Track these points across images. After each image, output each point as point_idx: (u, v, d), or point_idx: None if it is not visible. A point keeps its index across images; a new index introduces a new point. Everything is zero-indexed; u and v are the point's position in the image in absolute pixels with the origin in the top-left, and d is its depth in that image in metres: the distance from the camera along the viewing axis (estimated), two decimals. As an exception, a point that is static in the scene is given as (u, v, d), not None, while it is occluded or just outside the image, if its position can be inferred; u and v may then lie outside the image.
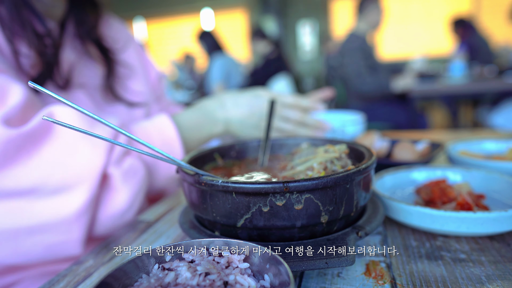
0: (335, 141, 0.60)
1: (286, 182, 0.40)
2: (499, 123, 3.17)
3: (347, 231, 0.45)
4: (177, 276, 0.32)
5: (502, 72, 3.47)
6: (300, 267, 0.39)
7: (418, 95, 3.27)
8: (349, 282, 0.43)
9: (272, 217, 0.42)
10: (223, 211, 0.44)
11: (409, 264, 0.46)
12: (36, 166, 0.57)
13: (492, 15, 6.10)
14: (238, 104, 0.84)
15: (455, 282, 0.41)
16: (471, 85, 3.36)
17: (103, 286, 0.31)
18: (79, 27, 0.82)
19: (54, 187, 0.58)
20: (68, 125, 0.33)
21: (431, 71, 4.31)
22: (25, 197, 0.56)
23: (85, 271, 0.50)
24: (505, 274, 0.42)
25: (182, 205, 0.74)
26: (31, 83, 0.33)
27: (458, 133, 1.27)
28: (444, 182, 0.63)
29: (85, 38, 0.84)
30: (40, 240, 0.59)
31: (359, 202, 0.46)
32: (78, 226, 0.60)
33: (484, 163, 0.71)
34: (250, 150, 0.67)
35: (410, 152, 0.83)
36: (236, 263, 0.35)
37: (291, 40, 7.39)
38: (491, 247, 0.49)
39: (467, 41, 4.19)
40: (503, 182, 0.62)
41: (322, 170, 0.51)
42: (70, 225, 0.59)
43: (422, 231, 0.55)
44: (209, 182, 0.43)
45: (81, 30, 0.83)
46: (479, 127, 3.82)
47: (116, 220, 0.65)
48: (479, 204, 0.57)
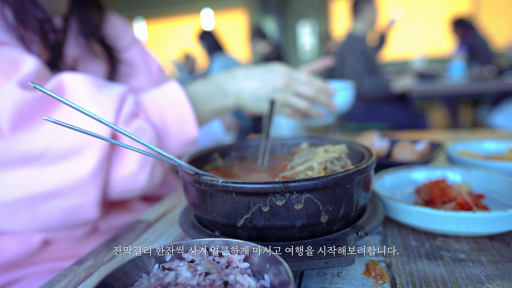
0: (335, 141, 0.60)
1: (286, 182, 0.40)
2: (499, 123, 3.17)
3: (347, 231, 0.45)
4: (177, 276, 0.33)
5: (502, 72, 3.48)
6: (300, 267, 0.39)
7: (418, 95, 3.28)
8: (349, 282, 0.43)
9: (272, 217, 0.42)
10: (223, 211, 0.44)
11: (409, 264, 0.46)
12: (47, 130, 0.58)
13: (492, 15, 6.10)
14: (249, 77, 0.83)
15: (454, 282, 0.41)
16: (471, 85, 3.36)
17: (103, 286, 0.31)
18: (83, 25, 0.83)
19: (66, 150, 0.58)
20: (68, 125, 0.33)
21: (431, 71, 4.31)
22: (38, 162, 0.57)
23: (85, 270, 0.50)
24: (505, 274, 0.42)
25: (182, 205, 0.74)
26: (31, 83, 0.33)
27: (458, 133, 1.27)
28: (443, 182, 0.63)
29: (89, 36, 0.84)
30: (56, 205, 0.59)
31: (359, 202, 0.46)
32: (93, 188, 0.60)
33: (484, 163, 0.71)
34: (250, 150, 0.67)
35: (410, 152, 0.83)
36: (236, 263, 0.35)
37: (291, 40, 7.39)
38: (491, 247, 0.49)
39: (467, 41, 4.19)
40: (502, 182, 0.62)
41: (322, 170, 0.51)
42: (85, 187, 0.59)
43: (422, 231, 0.55)
44: (209, 182, 0.43)
45: (85, 28, 0.83)
46: (479, 127, 3.83)
47: (128, 182, 0.65)
48: (479, 204, 0.57)
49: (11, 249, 0.66)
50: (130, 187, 0.66)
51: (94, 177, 0.60)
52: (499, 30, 5.75)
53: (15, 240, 0.67)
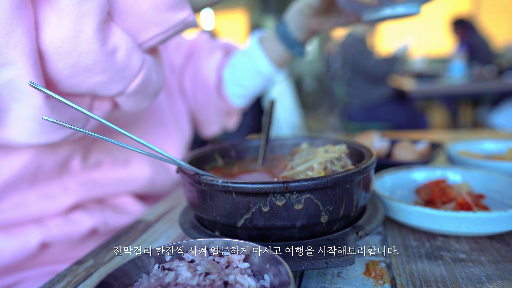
0: (335, 141, 0.60)
1: (286, 182, 0.40)
2: (499, 123, 3.17)
3: (347, 231, 0.45)
4: (177, 276, 0.33)
5: (502, 72, 3.48)
6: (300, 267, 0.39)
7: (418, 95, 3.28)
8: (349, 282, 0.43)
9: (272, 217, 0.42)
10: (223, 211, 0.44)
11: (409, 264, 0.46)
12: None
13: (492, 15, 6.10)
14: None
15: (455, 282, 0.41)
16: (471, 85, 3.36)
17: (103, 286, 0.31)
18: None
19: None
20: (69, 125, 0.33)
21: (431, 71, 4.31)
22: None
23: (85, 271, 0.50)
24: (505, 274, 0.42)
25: (182, 205, 0.74)
26: (31, 83, 0.33)
27: (458, 133, 1.27)
28: (444, 182, 0.63)
29: None
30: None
31: (359, 202, 0.46)
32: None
33: (484, 163, 0.71)
34: (250, 150, 0.67)
35: (410, 152, 0.83)
36: (236, 263, 0.35)
37: (291, 40, 7.38)
38: (491, 247, 0.49)
39: (467, 41, 4.19)
40: (503, 182, 0.62)
41: (322, 170, 0.51)
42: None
43: (422, 231, 0.55)
44: (209, 182, 0.43)
45: None
46: (479, 127, 3.83)
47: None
48: (479, 204, 0.57)
49: (9, 253, 0.65)
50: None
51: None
52: (499, 30, 5.75)
53: (12, 243, 0.66)
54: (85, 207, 0.75)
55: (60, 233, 0.69)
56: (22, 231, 0.67)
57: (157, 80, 0.59)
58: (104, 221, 0.74)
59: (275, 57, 0.88)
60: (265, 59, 0.88)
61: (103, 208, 0.77)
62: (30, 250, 0.67)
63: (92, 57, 0.48)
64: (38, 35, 0.47)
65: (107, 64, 0.50)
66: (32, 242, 0.67)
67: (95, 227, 0.73)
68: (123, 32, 0.51)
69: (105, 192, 0.76)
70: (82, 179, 0.73)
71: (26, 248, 0.67)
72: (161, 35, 0.54)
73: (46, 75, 0.49)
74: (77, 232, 0.71)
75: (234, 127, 1.09)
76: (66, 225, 0.70)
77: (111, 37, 0.50)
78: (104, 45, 0.48)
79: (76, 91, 0.53)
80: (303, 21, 0.80)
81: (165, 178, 0.86)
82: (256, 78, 0.92)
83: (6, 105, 0.51)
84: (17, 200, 0.67)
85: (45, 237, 0.68)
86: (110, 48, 0.49)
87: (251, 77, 0.92)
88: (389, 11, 0.63)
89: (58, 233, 0.69)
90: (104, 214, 0.75)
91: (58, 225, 0.70)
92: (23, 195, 0.68)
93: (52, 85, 0.51)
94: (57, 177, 0.71)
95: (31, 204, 0.68)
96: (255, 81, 0.93)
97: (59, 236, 0.69)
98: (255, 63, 0.89)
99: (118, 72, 0.52)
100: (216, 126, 1.04)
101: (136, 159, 0.81)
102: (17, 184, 0.66)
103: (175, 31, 0.54)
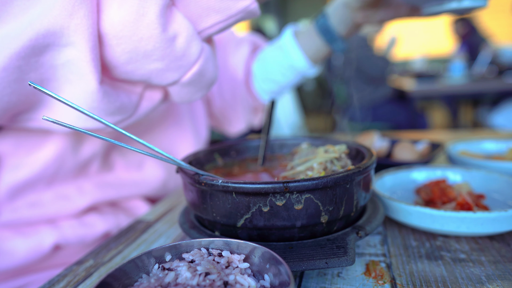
0: (335, 141, 0.60)
1: (286, 182, 0.40)
2: (499, 123, 3.17)
3: (347, 231, 0.45)
4: (177, 276, 0.33)
5: (502, 72, 3.47)
6: (300, 267, 0.39)
7: (418, 95, 3.28)
8: (349, 282, 0.43)
9: (272, 217, 0.42)
10: (223, 211, 0.44)
11: (409, 264, 0.46)
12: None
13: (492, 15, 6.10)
14: None
15: (455, 282, 0.41)
16: (471, 85, 3.36)
17: (103, 286, 0.31)
18: None
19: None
20: (68, 125, 0.33)
21: (431, 71, 4.31)
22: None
23: (85, 271, 0.50)
24: (505, 274, 0.42)
25: (182, 205, 0.74)
26: (31, 83, 0.33)
27: (458, 133, 1.27)
28: (444, 182, 0.63)
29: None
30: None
31: (359, 202, 0.46)
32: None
33: (484, 163, 0.71)
34: (250, 150, 0.67)
35: (410, 152, 0.83)
36: (236, 263, 0.35)
37: (291, 40, 7.39)
38: (491, 247, 0.49)
39: (467, 41, 4.19)
40: (503, 182, 0.62)
41: (322, 170, 0.51)
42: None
43: (422, 231, 0.55)
44: (209, 182, 0.43)
45: None
46: (479, 127, 3.83)
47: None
48: (479, 204, 0.57)
49: (22, 253, 0.64)
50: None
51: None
52: (500, 30, 5.75)
53: (26, 244, 0.65)
54: (99, 210, 0.74)
55: (74, 236, 0.68)
56: (36, 231, 0.66)
57: (213, 70, 0.56)
58: (117, 224, 0.74)
59: (311, 51, 0.85)
60: (301, 54, 0.85)
61: (116, 211, 0.76)
62: (44, 252, 0.66)
63: (152, 43, 0.46)
64: (99, 18, 0.45)
65: (166, 51, 0.48)
66: (46, 243, 0.66)
67: (108, 231, 0.72)
68: (185, 18, 0.49)
69: (119, 195, 0.76)
70: (97, 181, 0.72)
71: (39, 249, 0.66)
72: (221, 23, 0.51)
73: (103, 60, 0.48)
74: (91, 235, 0.70)
75: (260, 124, 1.05)
76: (80, 228, 0.69)
77: (172, 23, 0.47)
78: (165, 30, 0.46)
79: (131, 77, 0.51)
80: (347, 15, 0.77)
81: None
82: (289, 73, 0.89)
83: (59, 86, 0.49)
84: (33, 199, 0.66)
85: (58, 239, 0.67)
86: (170, 34, 0.47)
87: (284, 72, 0.89)
88: (455, 4, 0.60)
89: (72, 235, 0.68)
90: (117, 218, 0.75)
91: (72, 227, 0.69)
92: (39, 194, 0.67)
93: (109, 70, 0.50)
94: (74, 178, 0.70)
95: (46, 204, 0.67)
96: (287, 76, 0.90)
97: (73, 238, 0.68)
98: (290, 57, 0.86)
99: (176, 60, 0.50)
100: (243, 123, 1.01)
101: (149, 162, 0.80)
102: (35, 182, 0.65)
103: (236, 19, 0.51)
